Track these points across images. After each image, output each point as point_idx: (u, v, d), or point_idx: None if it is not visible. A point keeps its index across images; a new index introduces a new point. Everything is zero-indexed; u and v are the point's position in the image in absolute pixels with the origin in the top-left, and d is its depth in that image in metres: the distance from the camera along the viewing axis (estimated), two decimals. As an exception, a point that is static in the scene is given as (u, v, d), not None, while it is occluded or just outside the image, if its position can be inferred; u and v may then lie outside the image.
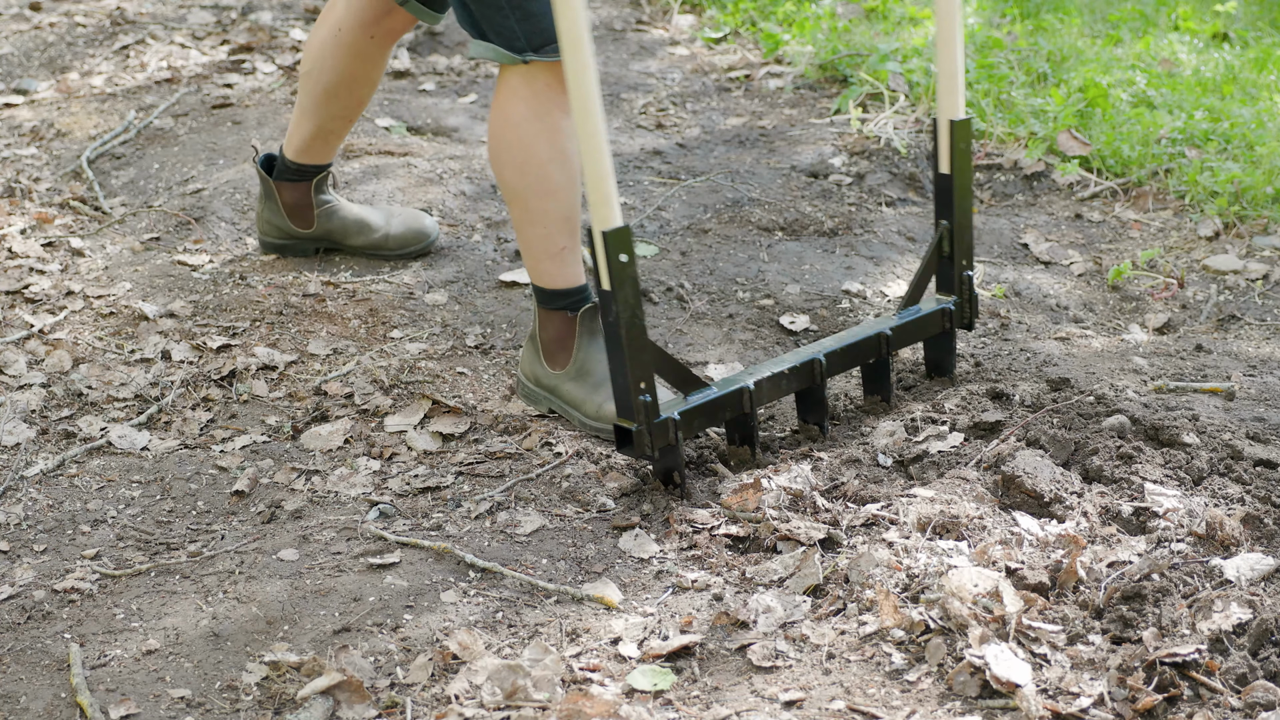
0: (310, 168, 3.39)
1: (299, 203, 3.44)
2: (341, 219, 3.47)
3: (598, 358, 2.80)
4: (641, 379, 2.45)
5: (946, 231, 2.86)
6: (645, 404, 2.46)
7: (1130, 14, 5.44)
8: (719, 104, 4.68)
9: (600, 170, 2.34)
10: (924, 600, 2.18)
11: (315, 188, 3.42)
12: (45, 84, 4.64)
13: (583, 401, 2.81)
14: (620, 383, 2.47)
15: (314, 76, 3.23)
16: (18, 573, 2.44)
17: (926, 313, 2.88)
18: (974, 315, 2.92)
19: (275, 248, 3.51)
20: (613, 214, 2.36)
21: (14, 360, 3.07)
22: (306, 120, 3.30)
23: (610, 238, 2.36)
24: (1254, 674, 2.02)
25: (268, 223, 3.49)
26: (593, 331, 2.81)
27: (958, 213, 2.83)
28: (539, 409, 2.90)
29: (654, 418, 2.48)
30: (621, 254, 2.37)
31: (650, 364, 2.47)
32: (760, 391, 2.64)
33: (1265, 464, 2.59)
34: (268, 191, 3.43)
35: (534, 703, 2.06)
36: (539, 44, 2.63)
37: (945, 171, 2.82)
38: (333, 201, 3.46)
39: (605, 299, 2.41)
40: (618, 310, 2.40)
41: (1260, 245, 3.70)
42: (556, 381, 2.84)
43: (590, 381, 2.80)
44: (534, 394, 2.90)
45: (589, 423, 2.80)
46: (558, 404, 2.86)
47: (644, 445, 2.49)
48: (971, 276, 2.89)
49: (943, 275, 2.91)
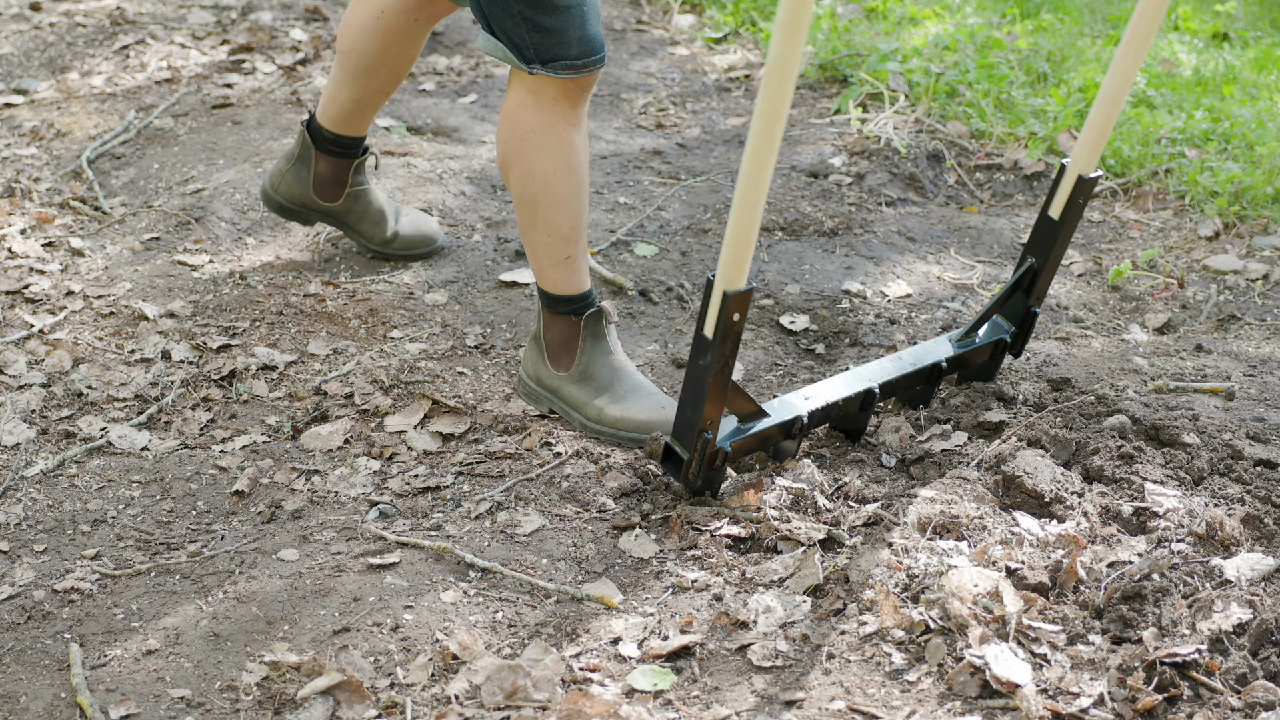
0: (348, 140, 3.35)
1: (334, 179, 3.38)
2: (367, 204, 3.44)
3: (601, 361, 2.82)
4: (710, 419, 2.45)
5: (1032, 271, 2.82)
6: (705, 441, 2.46)
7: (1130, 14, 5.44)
8: (719, 104, 4.68)
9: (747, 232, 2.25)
10: (924, 600, 2.18)
11: (355, 169, 3.38)
12: (45, 84, 4.64)
13: (584, 404, 2.82)
14: (688, 416, 2.46)
15: (353, 56, 3.20)
16: (18, 573, 2.44)
17: (981, 343, 2.85)
18: (1024, 345, 2.90)
19: (278, 207, 3.45)
20: (741, 278, 2.31)
21: (14, 360, 3.07)
22: (343, 93, 3.27)
23: (731, 299, 2.32)
24: (1254, 674, 2.02)
25: (287, 184, 3.41)
26: (596, 336, 2.83)
27: (1050, 258, 2.80)
28: (539, 408, 2.91)
29: (708, 451, 2.49)
30: (736, 314, 2.34)
31: (722, 407, 2.47)
32: (811, 421, 2.62)
33: (1265, 464, 2.60)
34: (304, 157, 3.38)
35: (534, 703, 2.06)
36: (548, 58, 2.63)
37: (1054, 217, 2.75)
38: (366, 186, 3.42)
39: (703, 344, 2.38)
40: (712, 360, 2.37)
41: (1260, 245, 3.70)
42: (559, 383, 2.85)
43: (593, 385, 2.82)
44: (535, 394, 2.91)
45: (589, 424, 2.81)
46: (559, 405, 2.87)
47: (689, 475, 2.50)
48: (1037, 314, 2.86)
49: (1012, 306, 2.87)
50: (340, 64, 3.23)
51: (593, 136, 4.34)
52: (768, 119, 2.12)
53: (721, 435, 2.52)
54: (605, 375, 2.81)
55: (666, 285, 3.43)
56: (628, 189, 3.97)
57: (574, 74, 2.65)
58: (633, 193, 3.95)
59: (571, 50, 2.64)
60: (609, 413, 2.77)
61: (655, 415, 2.76)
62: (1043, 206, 2.77)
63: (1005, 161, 4.19)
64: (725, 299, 2.32)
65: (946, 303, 3.43)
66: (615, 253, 3.60)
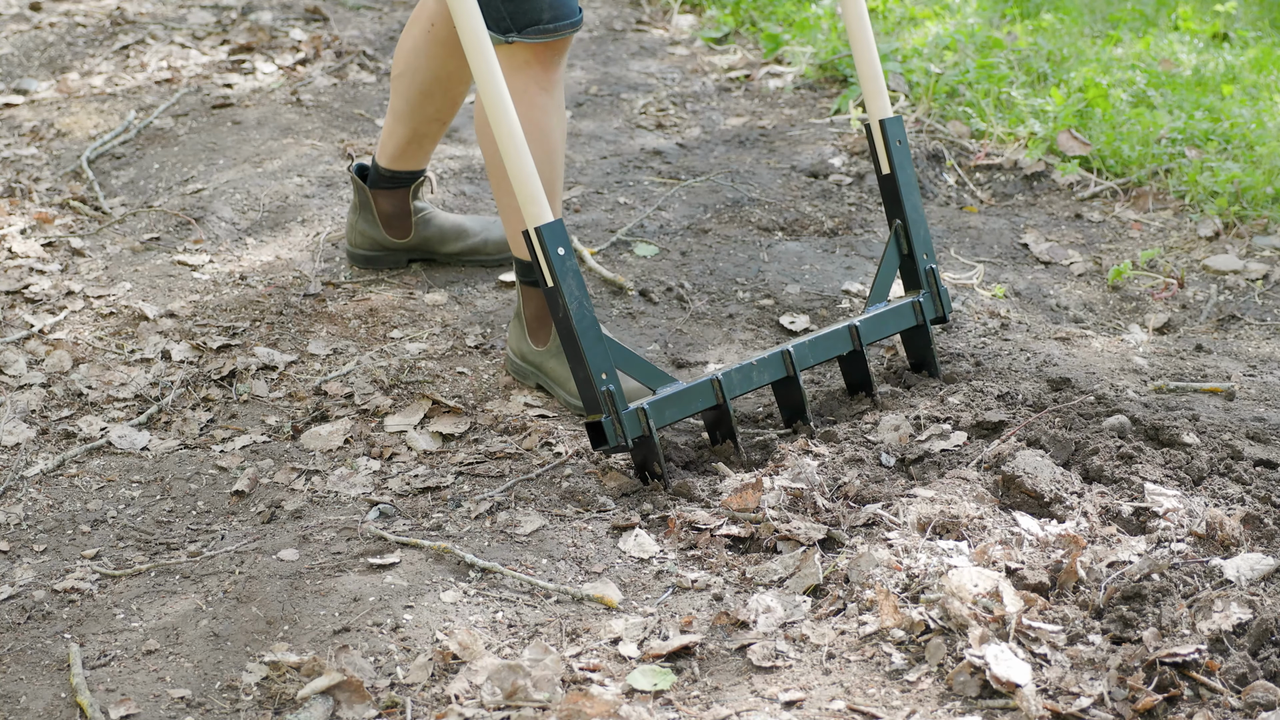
0: (405, 174, 3.33)
1: (397, 211, 3.37)
2: (439, 226, 3.41)
3: None
4: (601, 369, 2.46)
5: (900, 229, 2.89)
6: (609, 393, 2.47)
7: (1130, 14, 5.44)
8: (719, 104, 4.68)
9: (523, 169, 2.38)
10: (924, 600, 2.18)
11: (414, 193, 3.36)
12: (45, 84, 4.64)
13: (565, 379, 2.88)
14: (581, 376, 2.48)
15: (407, 78, 3.17)
16: (18, 573, 2.44)
17: (896, 305, 2.89)
18: (946, 309, 2.93)
19: (366, 260, 3.43)
20: (542, 210, 2.40)
21: (14, 360, 3.07)
22: (401, 125, 3.25)
23: (544, 233, 2.40)
24: (1254, 674, 2.02)
25: (361, 234, 3.40)
26: None
27: (908, 208, 2.87)
28: (527, 383, 2.96)
29: (621, 406, 2.49)
30: (559, 247, 2.40)
31: (607, 354, 2.48)
32: (730, 381, 2.65)
33: (1265, 464, 2.60)
34: (363, 201, 3.36)
35: (534, 703, 2.06)
36: (523, 24, 2.69)
37: (887, 172, 2.86)
38: (428, 209, 3.40)
39: (551, 295, 2.43)
40: (564, 304, 2.41)
41: (1260, 245, 3.70)
42: (540, 358, 2.92)
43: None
44: (521, 369, 2.97)
45: (571, 401, 2.88)
46: (544, 380, 2.94)
47: (615, 434, 2.50)
48: (935, 269, 2.90)
49: (908, 273, 2.94)
50: (396, 90, 3.21)
51: (593, 137, 4.34)
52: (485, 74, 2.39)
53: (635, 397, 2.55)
54: None
55: (666, 285, 3.43)
56: (628, 189, 3.97)
57: (547, 37, 2.71)
58: (633, 193, 3.95)
59: (544, 14, 2.70)
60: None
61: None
62: (875, 170, 2.89)
63: (1005, 161, 4.19)
64: (540, 235, 2.40)
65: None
66: (615, 253, 3.60)
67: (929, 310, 2.92)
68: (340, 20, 5.23)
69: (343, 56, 4.87)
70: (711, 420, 2.70)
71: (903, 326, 2.91)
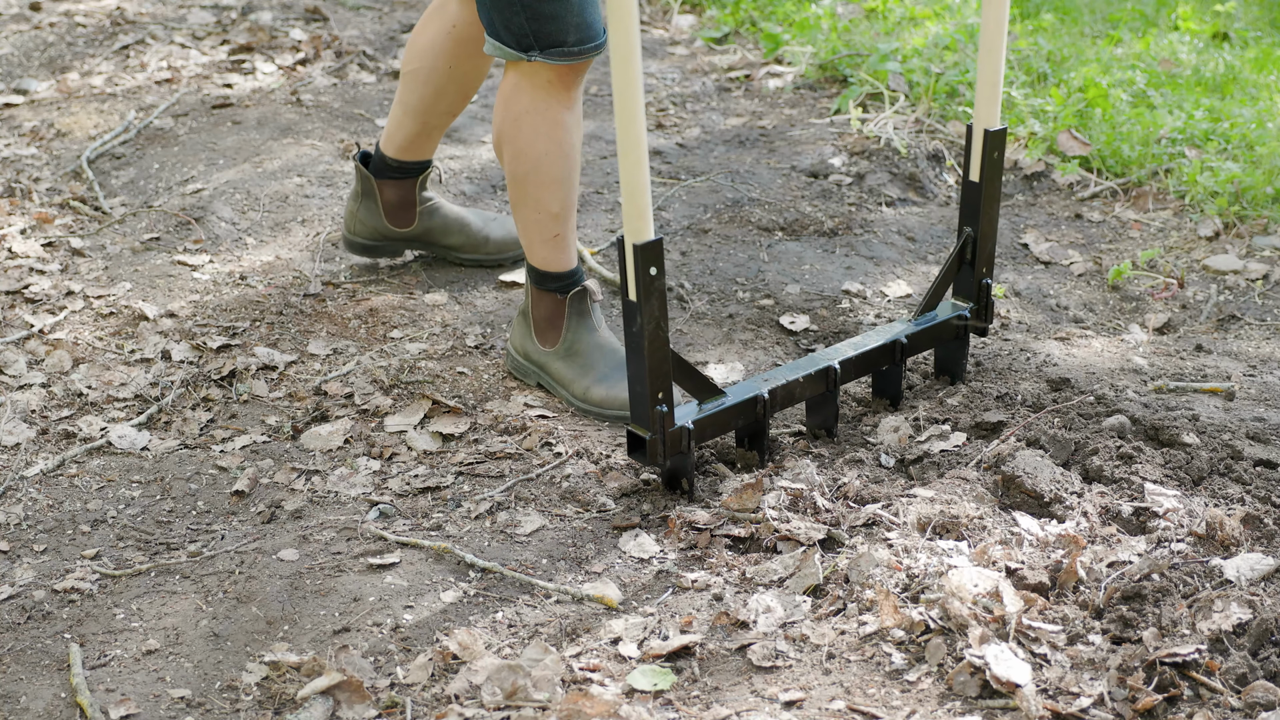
0: (414, 165, 3.32)
1: (402, 201, 3.35)
2: (443, 217, 3.40)
3: (586, 339, 2.90)
4: (660, 389, 2.46)
5: (970, 239, 2.86)
6: (661, 414, 2.47)
7: (1130, 14, 5.44)
8: (719, 104, 4.68)
9: (637, 183, 2.33)
10: (924, 600, 2.18)
11: (420, 184, 3.34)
12: (45, 84, 4.64)
13: (571, 381, 2.90)
14: (638, 391, 2.48)
15: (421, 75, 3.16)
16: (18, 573, 2.44)
17: (942, 319, 2.87)
18: (989, 321, 2.92)
19: (363, 248, 3.41)
20: (647, 227, 2.36)
21: (14, 360, 3.07)
22: (411, 119, 3.24)
23: (642, 251, 2.36)
24: (1254, 674, 2.02)
25: (361, 222, 3.39)
26: (581, 313, 2.91)
27: (983, 221, 2.83)
28: (528, 382, 2.98)
29: (669, 428, 2.49)
30: (652, 268, 2.38)
31: (670, 375, 2.48)
32: (774, 400, 2.64)
33: (1265, 464, 2.60)
34: (367, 190, 3.35)
35: (534, 703, 2.06)
36: (546, 45, 2.68)
37: (975, 180, 2.81)
38: (434, 199, 3.39)
39: (631, 309, 2.42)
40: (643, 322, 2.40)
41: (1260, 245, 3.70)
42: (546, 359, 2.94)
43: (578, 362, 2.90)
44: (523, 367, 2.99)
45: (575, 402, 2.89)
46: (546, 380, 2.95)
47: (656, 454, 2.51)
48: (990, 285, 2.89)
49: (962, 281, 2.91)
50: (406, 86, 3.20)
51: (593, 137, 4.34)
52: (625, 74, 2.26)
53: (681, 416, 2.54)
54: (590, 351, 2.90)
55: (666, 285, 3.43)
56: (628, 189, 3.97)
57: (570, 60, 2.71)
58: (633, 193, 3.94)
59: (569, 36, 2.68)
60: (594, 393, 2.87)
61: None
62: (964, 174, 2.84)
63: (1005, 161, 4.19)
64: (637, 253, 2.36)
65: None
66: (615, 253, 3.60)
67: (974, 324, 2.91)
68: (340, 20, 5.23)
69: (343, 56, 4.87)
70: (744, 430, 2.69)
71: (945, 339, 2.90)
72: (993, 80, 2.74)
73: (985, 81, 2.75)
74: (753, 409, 2.62)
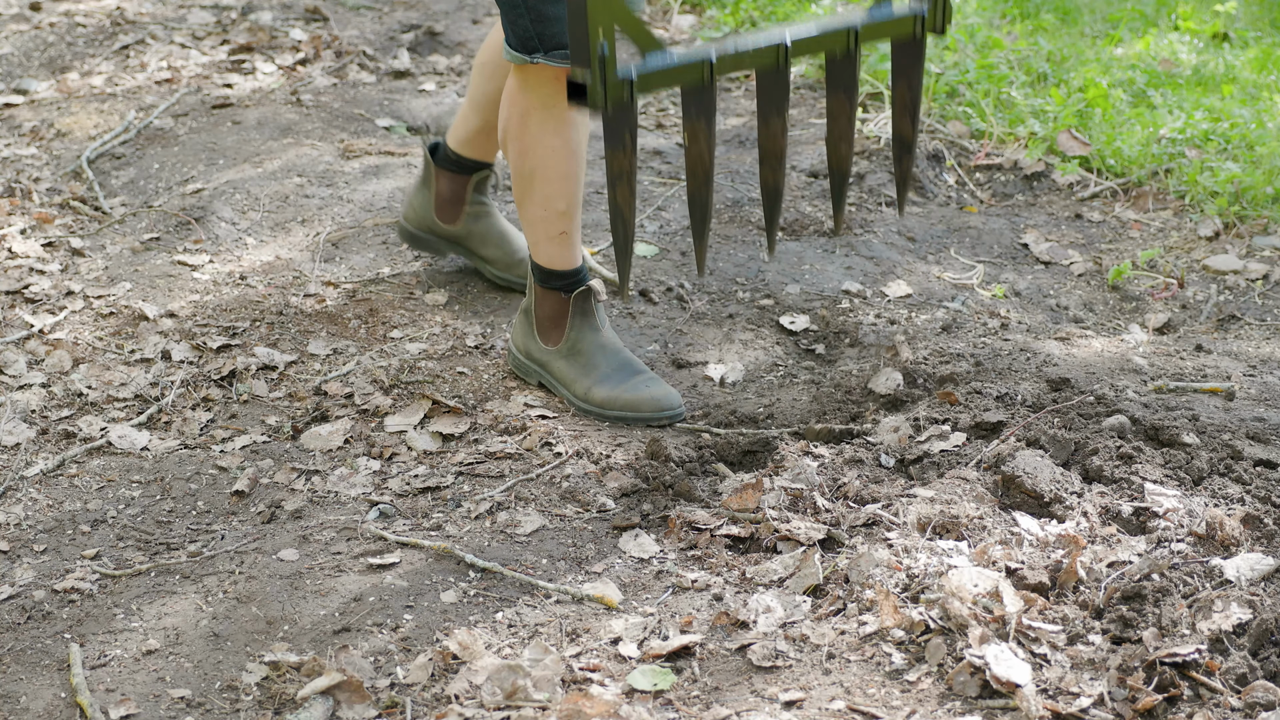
0: (470, 162, 3.30)
1: (453, 196, 3.32)
2: (486, 225, 3.34)
3: (589, 338, 2.91)
4: (600, 25, 2.33)
5: None
6: (603, 56, 2.35)
7: (1130, 14, 5.44)
8: (719, 104, 4.68)
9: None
10: (924, 600, 2.18)
11: (474, 185, 3.31)
12: (45, 84, 4.64)
13: (573, 381, 2.91)
14: (578, 30, 2.35)
15: (487, 70, 3.15)
16: (18, 573, 2.44)
17: (898, 15, 2.69)
18: (947, 20, 2.73)
19: (411, 237, 3.39)
20: None
21: (14, 360, 3.07)
22: (475, 114, 3.23)
23: None
24: (1254, 674, 2.02)
25: (414, 209, 3.37)
26: (585, 313, 2.92)
27: None
28: (529, 380, 2.99)
29: (611, 71, 2.36)
30: None
31: (611, 14, 2.34)
32: (722, 64, 2.50)
33: (1265, 464, 2.60)
34: (425, 177, 3.33)
35: (534, 703, 2.06)
36: (550, 46, 2.68)
37: None
38: (486, 205, 3.35)
39: None
40: None
41: (1260, 245, 3.70)
42: (548, 358, 2.95)
43: (581, 361, 2.91)
44: (525, 366, 2.99)
45: (577, 403, 2.90)
46: (547, 379, 2.96)
47: (597, 98, 2.37)
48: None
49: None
50: (476, 79, 3.20)
51: (593, 136, 4.34)
52: None
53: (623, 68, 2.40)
54: (592, 351, 2.91)
55: (666, 285, 3.43)
56: (628, 189, 3.97)
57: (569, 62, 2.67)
58: (633, 193, 3.94)
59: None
60: (596, 393, 2.88)
61: (641, 396, 2.85)
62: None
63: (1005, 161, 4.19)
64: None
65: (946, 303, 3.43)
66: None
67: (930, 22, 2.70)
68: (340, 20, 5.23)
69: (343, 56, 4.87)
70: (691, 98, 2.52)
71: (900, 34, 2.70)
72: None
73: None
74: (699, 70, 2.48)
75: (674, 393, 2.89)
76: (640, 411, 2.86)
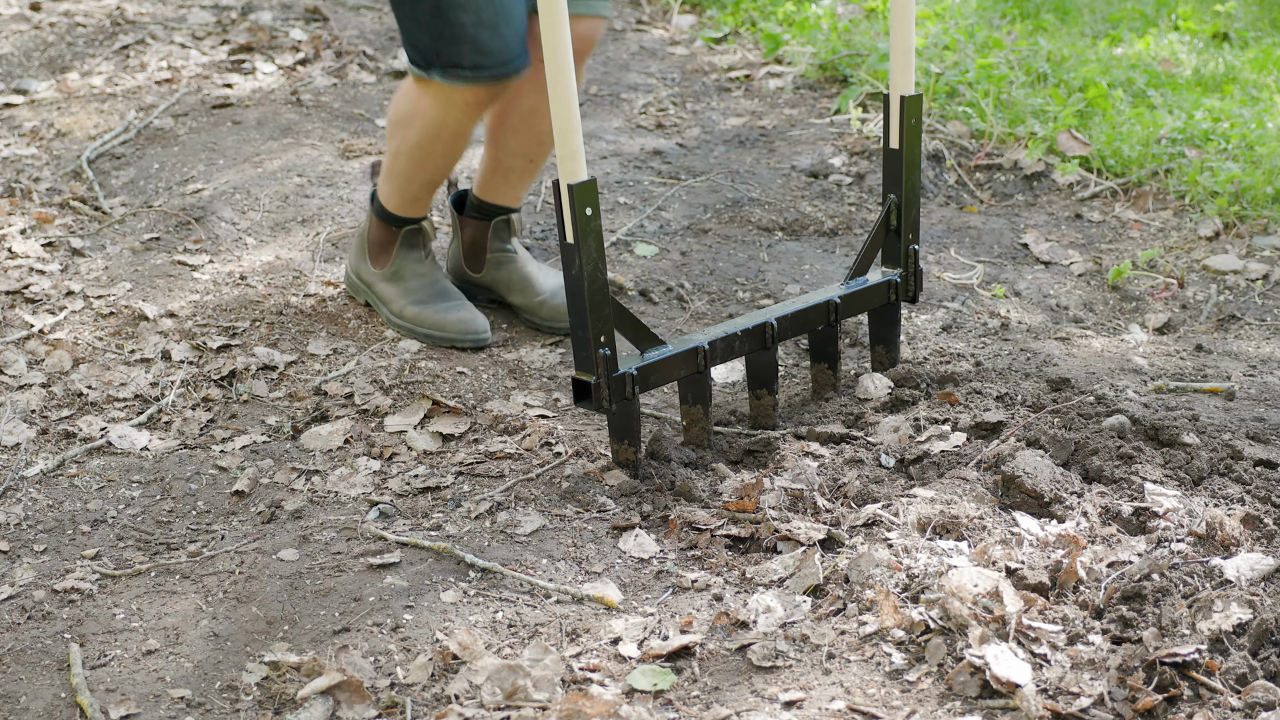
0: (490, 207, 3.23)
1: (475, 242, 3.27)
2: (509, 271, 3.27)
3: (412, 267, 3.17)
4: (601, 333, 2.50)
5: (895, 206, 2.90)
6: (604, 358, 2.51)
7: (1130, 14, 5.44)
8: (719, 104, 4.68)
9: (568, 125, 2.39)
10: (924, 600, 2.18)
11: (494, 231, 3.24)
12: (45, 84, 4.64)
13: (390, 300, 3.17)
14: (580, 336, 2.50)
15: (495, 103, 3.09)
16: (18, 573, 2.44)
17: (874, 284, 2.92)
18: (918, 289, 2.96)
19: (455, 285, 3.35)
20: (579, 168, 2.41)
21: (14, 360, 3.07)
22: (488, 153, 3.19)
23: (577, 191, 2.41)
24: (1254, 674, 2.02)
25: (450, 258, 3.35)
26: (412, 245, 3.17)
27: (906, 188, 2.88)
28: (360, 299, 3.27)
29: (613, 371, 2.53)
30: (587, 208, 2.43)
31: (610, 318, 2.51)
32: (714, 351, 2.69)
33: (1265, 464, 2.60)
34: (454, 226, 3.31)
35: (534, 703, 2.06)
36: (444, 64, 2.81)
37: (895, 147, 2.86)
38: (510, 251, 3.27)
39: (569, 252, 2.46)
40: (581, 264, 2.44)
41: (1260, 245, 3.70)
42: (374, 279, 3.21)
43: (401, 285, 3.17)
44: (356, 286, 3.27)
45: (391, 319, 3.16)
46: (372, 298, 3.23)
47: (601, 398, 2.54)
48: (917, 250, 2.94)
49: (889, 249, 2.95)
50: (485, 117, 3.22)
51: (593, 136, 4.34)
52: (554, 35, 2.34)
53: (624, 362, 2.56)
54: (411, 278, 3.16)
55: (666, 285, 3.43)
56: (628, 189, 3.97)
57: (463, 83, 2.81)
58: (633, 193, 3.95)
59: (464, 59, 2.78)
60: (408, 311, 3.13)
61: (449, 317, 3.07)
62: (884, 142, 2.87)
63: (1005, 161, 4.19)
64: (572, 193, 2.40)
65: (946, 302, 3.43)
66: (615, 253, 3.60)
67: (903, 290, 2.94)
68: (340, 20, 5.23)
69: (343, 56, 4.87)
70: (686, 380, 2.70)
71: (876, 304, 2.94)
72: (905, 48, 2.80)
73: (898, 50, 2.80)
74: (694, 359, 2.66)
75: (483, 319, 3.10)
76: (446, 331, 3.10)
